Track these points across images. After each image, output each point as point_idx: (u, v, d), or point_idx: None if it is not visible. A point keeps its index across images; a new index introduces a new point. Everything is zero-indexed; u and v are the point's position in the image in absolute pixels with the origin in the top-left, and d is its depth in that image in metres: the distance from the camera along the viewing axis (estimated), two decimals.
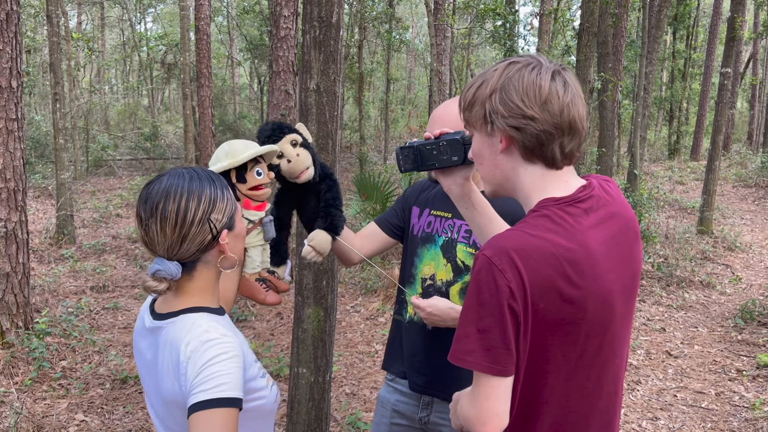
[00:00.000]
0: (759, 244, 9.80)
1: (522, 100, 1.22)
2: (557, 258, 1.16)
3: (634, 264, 1.33)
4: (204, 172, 1.33)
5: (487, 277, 1.16)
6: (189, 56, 12.75)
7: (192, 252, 1.27)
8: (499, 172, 1.31)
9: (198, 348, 1.20)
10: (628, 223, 1.32)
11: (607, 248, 1.24)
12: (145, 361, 1.36)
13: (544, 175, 1.27)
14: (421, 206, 2.05)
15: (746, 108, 28.60)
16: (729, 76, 9.65)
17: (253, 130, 19.08)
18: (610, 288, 1.23)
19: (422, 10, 31.31)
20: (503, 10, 10.24)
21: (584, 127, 1.27)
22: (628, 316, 1.34)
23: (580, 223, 1.22)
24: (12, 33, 4.64)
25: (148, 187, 1.30)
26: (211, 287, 1.35)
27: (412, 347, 2.00)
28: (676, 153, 20.88)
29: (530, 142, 1.24)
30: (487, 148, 1.31)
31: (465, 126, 1.35)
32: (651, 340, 5.61)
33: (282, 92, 6.49)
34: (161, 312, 1.33)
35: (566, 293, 1.17)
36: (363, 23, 15.97)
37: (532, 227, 1.20)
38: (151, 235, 1.26)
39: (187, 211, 1.24)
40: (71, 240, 8.58)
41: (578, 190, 1.27)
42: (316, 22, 2.58)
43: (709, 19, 21.14)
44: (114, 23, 27.87)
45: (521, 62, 1.26)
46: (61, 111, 8.47)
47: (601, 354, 1.27)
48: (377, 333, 5.60)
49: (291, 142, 1.63)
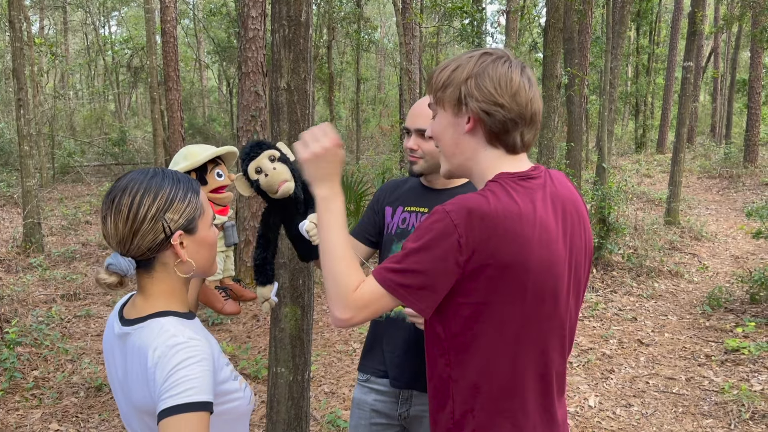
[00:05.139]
0: (724, 233, 10.05)
1: (495, 88, 1.33)
2: (509, 219, 1.25)
3: (581, 244, 1.41)
4: (170, 173, 1.31)
5: (441, 228, 1.26)
6: (156, 59, 12.60)
7: (144, 250, 1.26)
8: (460, 151, 1.41)
9: (165, 353, 1.18)
10: (575, 205, 1.41)
11: (554, 221, 1.33)
12: (115, 369, 1.34)
13: (501, 157, 1.38)
14: (393, 205, 2.07)
15: (709, 101, 29.25)
16: (691, 69, 9.88)
17: (223, 133, 18.93)
18: (557, 257, 1.31)
19: (390, 10, 31.37)
20: (470, 8, 10.33)
21: (540, 120, 1.41)
22: (575, 295, 1.41)
23: (530, 194, 1.32)
24: None
25: (115, 182, 1.31)
26: (177, 291, 1.33)
27: (392, 343, 2.02)
28: (642, 146, 21.28)
29: (496, 128, 1.35)
30: (451, 127, 1.40)
31: (433, 106, 1.43)
32: (623, 329, 5.72)
33: (252, 93, 6.46)
34: (129, 317, 1.31)
35: (515, 252, 1.25)
36: (331, 23, 15.96)
37: (489, 193, 1.29)
38: (107, 227, 1.26)
39: (140, 207, 1.24)
40: (39, 248, 8.41)
41: (530, 169, 1.38)
42: (285, 20, 2.58)
43: (671, 14, 21.57)
44: (77, 27, 27.38)
45: (494, 54, 1.37)
46: (25, 117, 8.31)
47: (546, 323, 1.33)
48: (354, 332, 5.62)
49: (269, 158, 1.64)
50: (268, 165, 1.64)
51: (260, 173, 1.64)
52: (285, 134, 2.65)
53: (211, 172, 1.58)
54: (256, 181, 1.65)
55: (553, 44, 7.13)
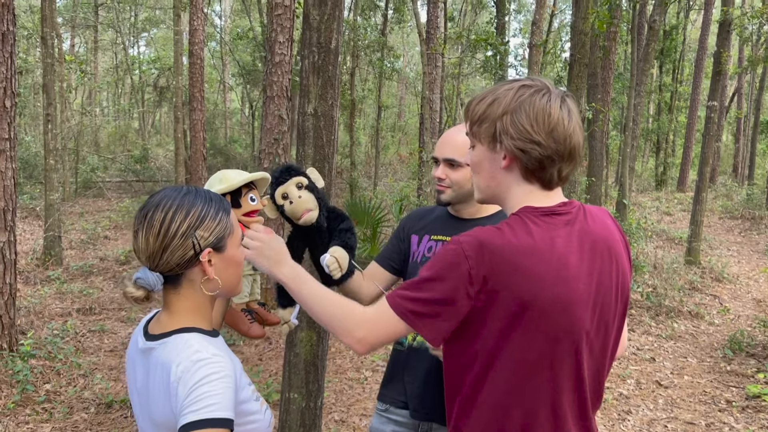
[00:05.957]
0: (746, 276, 9.88)
1: (531, 125, 1.30)
2: (520, 254, 1.24)
3: (611, 284, 1.35)
4: (203, 191, 1.33)
5: (452, 258, 1.25)
6: (182, 80, 12.81)
7: (173, 265, 1.27)
8: (495, 184, 1.39)
9: (189, 368, 1.19)
10: (607, 244, 1.36)
11: (578, 258, 1.29)
12: (136, 383, 1.34)
13: (534, 192, 1.36)
14: (419, 233, 2.06)
15: (732, 141, 29.05)
16: (715, 109, 9.82)
17: (243, 154, 19.11)
18: (575, 296, 1.27)
19: (414, 39, 31.73)
20: (494, 41, 10.40)
21: (581, 154, 1.37)
22: (603, 337, 1.36)
23: (551, 230, 1.29)
24: (8, 53, 4.65)
25: (149, 197, 1.32)
26: (202, 309, 1.34)
27: (412, 374, 1.99)
28: (663, 184, 21.12)
29: (532, 165, 1.32)
30: (488, 162, 1.38)
31: (470, 137, 1.42)
32: (641, 369, 5.61)
33: (276, 117, 6.52)
34: (154, 333, 1.32)
35: (525, 287, 1.23)
36: (356, 51, 16.15)
37: (505, 226, 1.29)
38: (138, 242, 1.28)
39: (172, 222, 1.25)
40: (58, 261, 8.49)
41: (558, 205, 1.35)
42: (315, 47, 2.61)
43: (694, 53, 21.57)
44: (107, 46, 27.99)
45: (533, 87, 1.33)
46: (52, 132, 8.46)
47: (561, 362, 1.29)
48: (366, 359, 5.56)
49: (296, 184, 1.68)
50: (294, 192, 1.66)
51: (286, 199, 1.67)
52: (310, 158, 2.66)
53: (245, 196, 1.62)
54: (282, 206, 1.67)
55: (578, 79, 7.14)
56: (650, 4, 11.70)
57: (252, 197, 1.63)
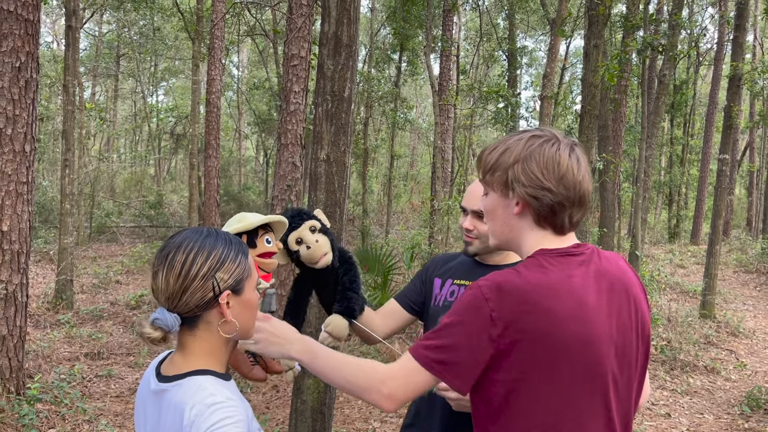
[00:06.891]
0: (763, 331, 9.69)
1: (542, 172, 1.34)
2: (538, 293, 1.25)
3: (630, 323, 1.36)
4: (223, 234, 1.35)
5: (473, 302, 1.27)
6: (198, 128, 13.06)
7: (192, 307, 1.27)
8: (509, 230, 1.43)
9: (202, 411, 1.18)
10: (623, 283, 1.38)
11: (597, 296, 1.30)
12: (146, 425, 1.33)
13: (547, 236, 1.40)
14: (443, 277, 2.07)
15: (744, 194, 28.95)
16: (727, 162, 9.84)
17: (257, 201, 19.28)
18: (596, 334, 1.27)
19: (426, 91, 32.28)
20: (506, 93, 10.56)
21: (590, 200, 1.41)
22: (626, 377, 1.35)
23: (567, 269, 1.32)
24: (30, 100, 4.78)
25: (169, 239, 1.33)
26: (217, 351, 1.33)
27: (429, 419, 1.97)
28: (676, 236, 20.97)
29: (544, 211, 1.36)
30: (501, 209, 1.43)
31: (483, 185, 1.46)
32: (656, 425, 5.46)
33: (289, 164, 6.60)
34: (167, 374, 1.31)
35: (545, 326, 1.24)
36: (370, 102, 16.43)
37: (523, 268, 1.31)
38: (158, 282, 1.28)
39: (193, 264, 1.26)
40: (69, 305, 8.50)
41: (571, 247, 1.38)
42: (329, 95, 2.67)
43: (705, 107, 21.73)
44: (127, 95, 28.69)
45: (543, 137, 1.38)
46: (69, 177, 8.60)
47: (587, 401, 1.28)
48: (375, 410, 5.46)
49: (310, 228, 1.69)
50: (310, 237, 1.67)
51: (301, 244, 1.67)
52: (321, 203, 2.69)
53: (261, 238, 1.63)
54: (296, 251, 1.67)
55: (588, 130, 7.20)
56: (660, 59, 11.88)
57: (268, 239, 1.64)
